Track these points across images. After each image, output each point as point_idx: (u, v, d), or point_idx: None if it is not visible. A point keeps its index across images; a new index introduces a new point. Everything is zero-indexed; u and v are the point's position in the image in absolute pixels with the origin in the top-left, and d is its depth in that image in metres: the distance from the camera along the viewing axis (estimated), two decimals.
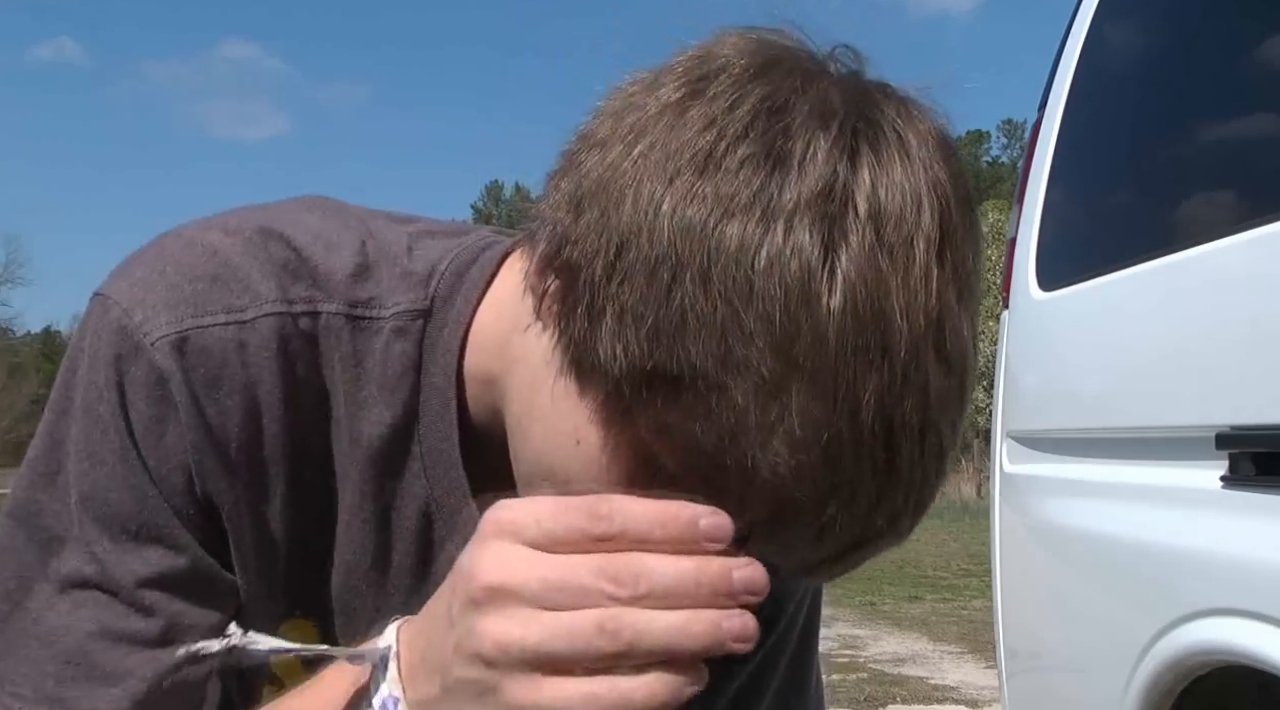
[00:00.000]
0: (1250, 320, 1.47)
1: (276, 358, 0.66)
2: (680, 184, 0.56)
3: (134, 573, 0.66)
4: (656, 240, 0.56)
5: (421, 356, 0.70)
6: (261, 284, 0.67)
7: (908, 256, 0.55)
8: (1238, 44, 1.78)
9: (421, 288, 0.71)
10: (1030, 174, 2.24)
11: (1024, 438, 2.16)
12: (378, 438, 0.69)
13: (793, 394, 0.53)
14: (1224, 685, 1.49)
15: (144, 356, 0.65)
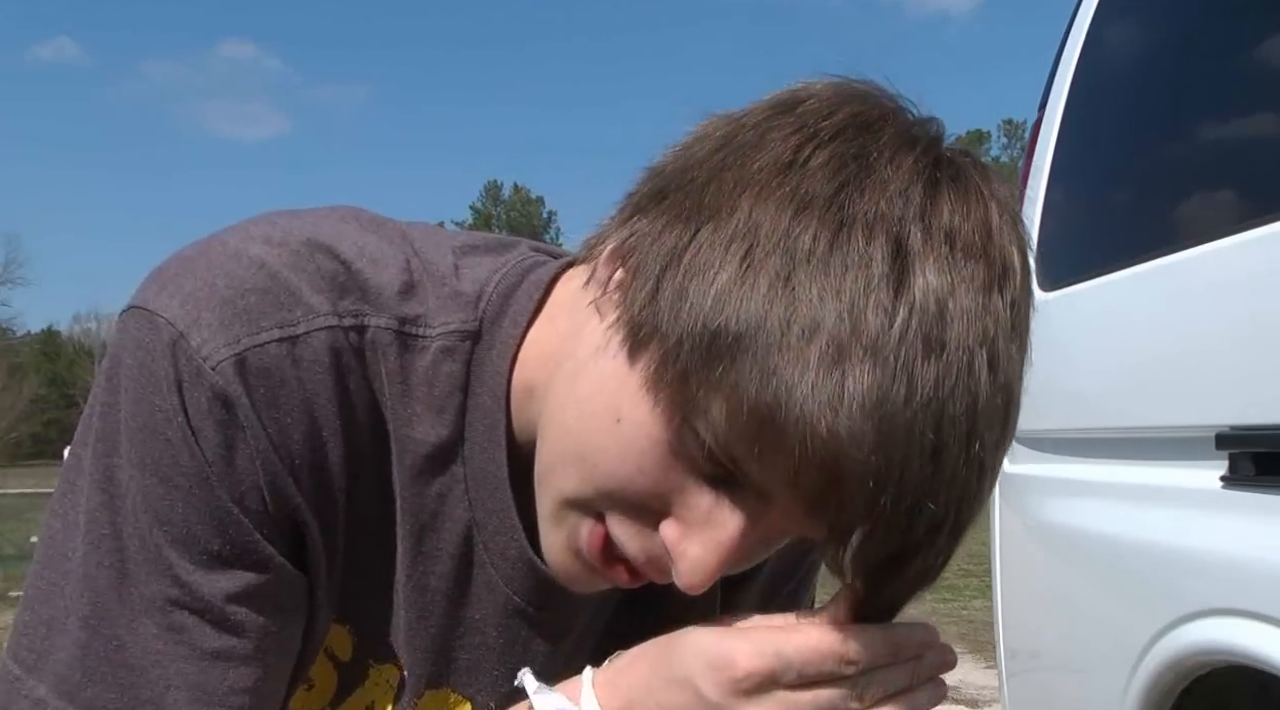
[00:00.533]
0: (1250, 320, 1.47)
1: (330, 372, 0.66)
2: (763, 175, 0.60)
3: (222, 591, 0.65)
4: (733, 217, 0.60)
5: (469, 378, 0.70)
6: (312, 297, 0.66)
7: (973, 275, 0.58)
8: (1237, 44, 1.78)
9: (471, 309, 0.70)
10: (1030, 174, 2.23)
11: (1024, 438, 2.16)
12: (422, 457, 0.69)
13: (856, 361, 0.56)
14: (1224, 685, 1.49)
15: (206, 381, 0.63)
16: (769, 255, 0.58)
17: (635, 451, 0.62)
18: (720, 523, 0.62)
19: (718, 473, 0.61)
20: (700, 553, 0.62)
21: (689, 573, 0.63)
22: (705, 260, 0.59)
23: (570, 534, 0.66)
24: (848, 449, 0.56)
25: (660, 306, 0.60)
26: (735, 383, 0.57)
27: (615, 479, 0.63)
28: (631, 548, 0.65)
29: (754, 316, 0.57)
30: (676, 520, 0.63)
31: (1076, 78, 2.17)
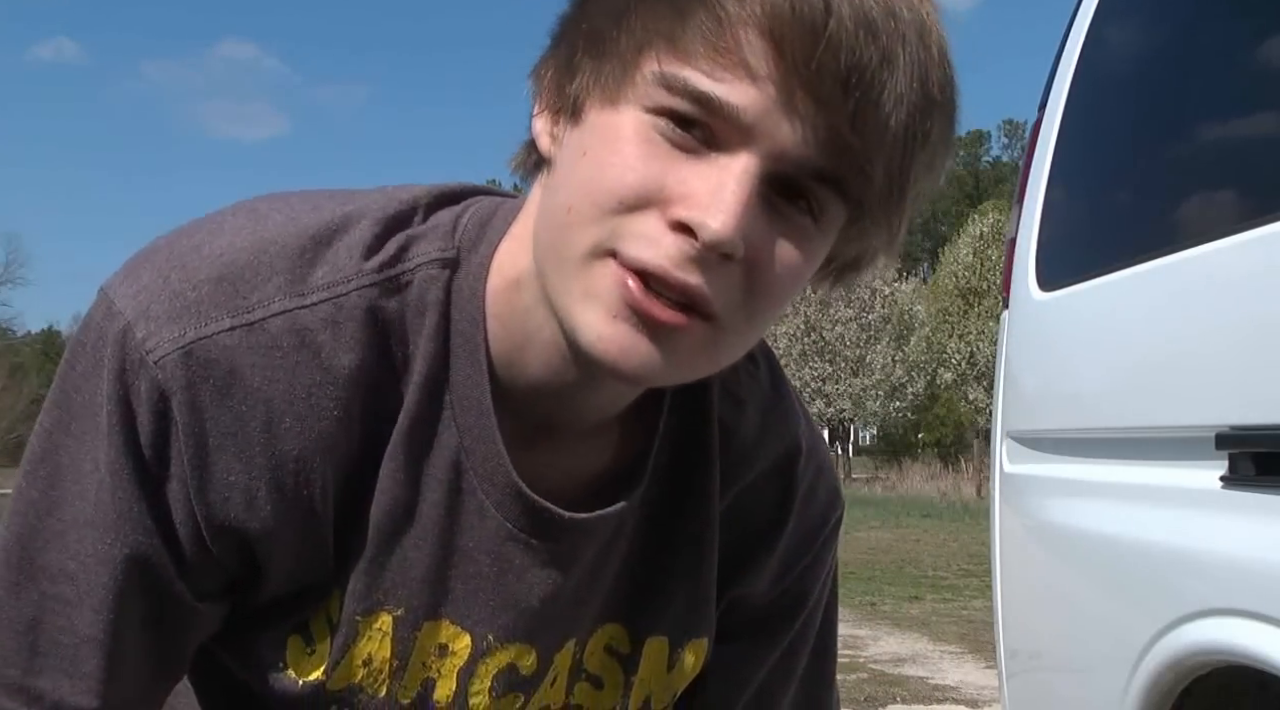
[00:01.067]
0: (1250, 320, 1.47)
1: (291, 354, 0.66)
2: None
3: (104, 583, 0.67)
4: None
5: (449, 304, 0.70)
6: (270, 282, 0.67)
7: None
8: (1237, 44, 1.78)
9: (448, 237, 0.71)
10: (1030, 174, 2.23)
11: (1024, 438, 2.16)
12: (417, 390, 0.70)
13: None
14: (1224, 685, 1.49)
15: (147, 373, 0.65)
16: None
17: (610, 154, 0.63)
18: (721, 170, 0.62)
19: (691, 141, 0.62)
20: (716, 196, 0.61)
21: (714, 212, 0.61)
22: (598, 8, 0.65)
23: (603, 294, 0.63)
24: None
25: (578, 59, 0.65)
26: (668, 28, 0.61)
27: (603, 188, 0.62)
28: (654, 256, 0.62)
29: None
30: (679, 199, 0.62)
31: (1076, 78, 2.17)
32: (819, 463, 0.87)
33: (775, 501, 0.84)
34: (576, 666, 0.81)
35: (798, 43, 0.59)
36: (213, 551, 0.69)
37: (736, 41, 0.59)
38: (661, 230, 0.62)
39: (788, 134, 0.61)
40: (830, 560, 0.90)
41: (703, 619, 0.82)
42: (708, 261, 0.62)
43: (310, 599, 0.73)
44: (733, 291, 0.63)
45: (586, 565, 0.77)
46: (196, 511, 0.67)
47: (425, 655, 0.75)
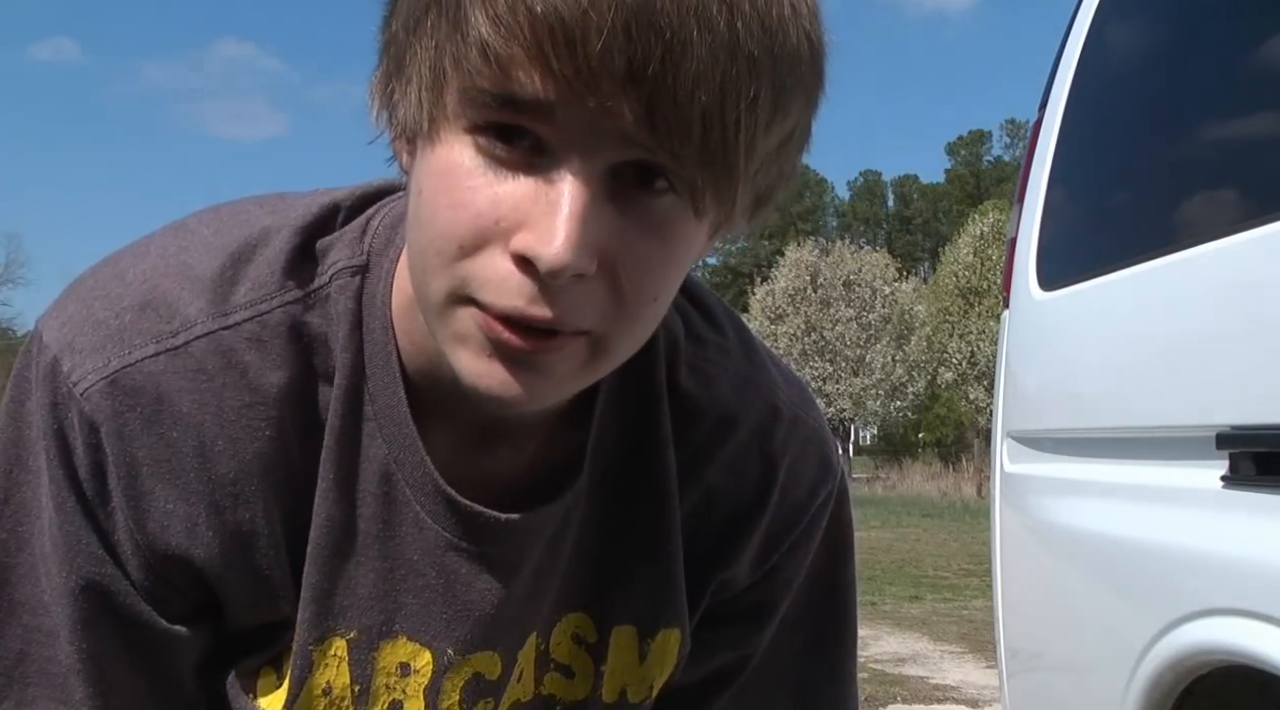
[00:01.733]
0: (1250, 320, 1.47)
1: (218, 376, 0.66)
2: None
3: (72, 616, 0.67)
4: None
5: (362, 313, 0.69)
6: (191, 305, 0.66)
7: None
8: (1238, 44, 1.78)
9: (356, 244, 0.70)
10: (1030, 174, 2.23)
11: (1024, 438, 2.16)
12: (340, 404, 0.69)
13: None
14: (1225, 685, 1.49)
15: (75, 405, 0.65)
16: None
17: (440, 194, 0.59)
18: (551, 186, 0.57)
19: (519, 156, 0.58)
20: (550, 219, 0.57)
21: (546, 244, 0.56)
22: (399, 18, 0.60)
23: (470, 336, 0.60)
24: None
25: (393, 81, 0.61)
26: (453, 45, 0.57)
27: (442, 234, 0.59)
28: (504, 299, 0.58)
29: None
30: (516, 228, 0.58)
31: (1077, 78, 2.17)
32: (807, 433, 0.83)
33: (758, 476, 0.81)
34: (543, 657, 0.79)
35: (563, 53, 0.54)
36: (166, 579, 0.68)
37: (522, 41, 0.55)
38: (507, 269, 0.58)
39: (611, 124, 0.56)
40: (820, 535, 0.85)
41: (671, 606, 0.79)
42: (560, 287, 0.58)
43: (279, 631, 0.72)
44: (599, 303, 0.60)
45: (536, 560, 0.75)
46: (139, 541, 0.67)
47: (387, 677, 0.73)
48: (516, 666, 0.78)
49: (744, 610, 0.85)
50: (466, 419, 0.71)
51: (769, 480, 0.81)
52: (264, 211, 0.71)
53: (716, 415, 0.80)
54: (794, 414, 0.83)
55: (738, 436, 0.80)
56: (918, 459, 31.67)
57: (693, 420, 0.79)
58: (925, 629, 6.76)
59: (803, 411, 0.84)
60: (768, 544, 0.83)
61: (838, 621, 0.89)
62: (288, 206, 0.71)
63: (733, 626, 0.85)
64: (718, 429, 0.80)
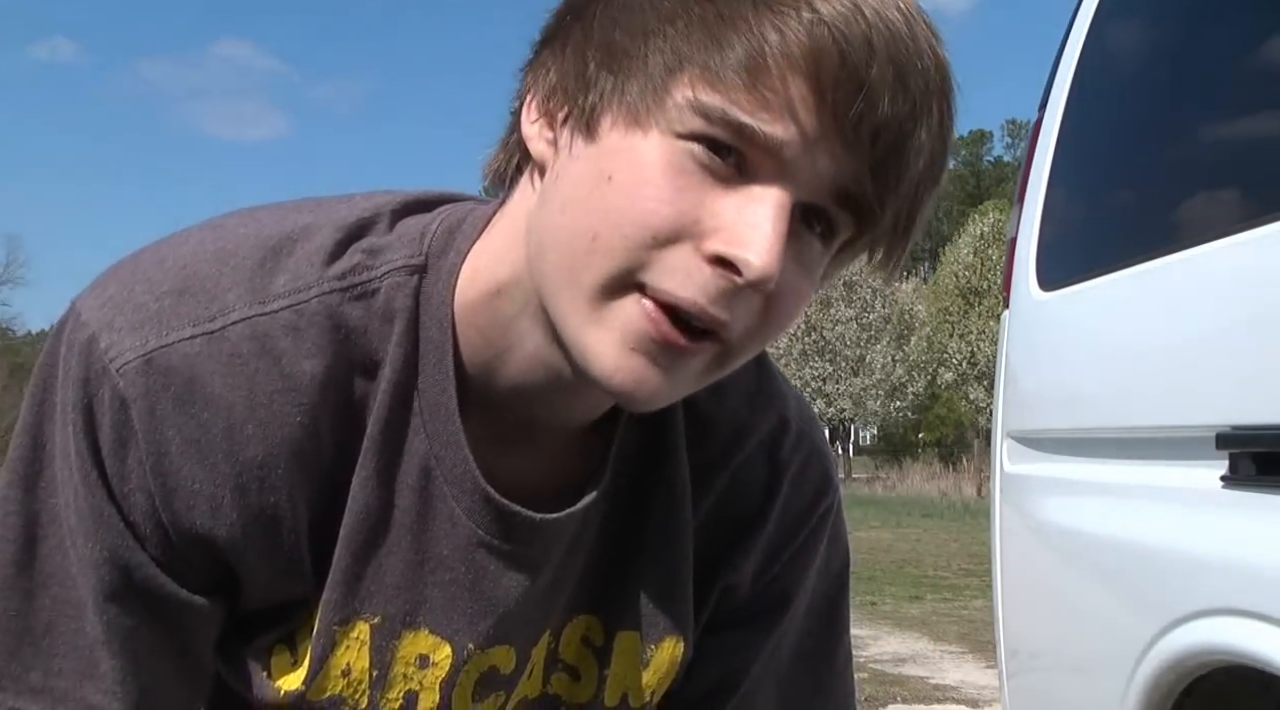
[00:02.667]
0: (1250, 320, 1.47)
1: (252, 361, 0.67)
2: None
3: (92, 586, 0.68)
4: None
5: (418, 311, 0.70)
6: (231, 291, 0.67)
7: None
8: (1238, 44, 1.78)
9: (415, 245, 0.71)
10: (1030, 174, 2.23)
11: (1024, 438, 2.16)
12: (386, 397, 0.70)
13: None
14: (1225, 685, 1.49)
15: (109, 382, 0.66)
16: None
17: (643, 185, 0.61)
18: (759, 204, 0.62)
19: (726, 168, 0.62)
20: (757, 232, 0.61)
21: (756, 250, 0.61)
22: (614, 20, 0.64)
23: (621, 327, 0.63)
24: (819, 37, 0.59)
25: (593, 71, 0.64)
26: (705, 56, 0.61)
27: (636, 221, 0.61)
28: (688, 290, 0.62)
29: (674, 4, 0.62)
30: (715, 232, 0.62)
31: (1077, 78, 2.17)
32: (810, 446, 0.86)
33: (763, 484, 0.83)
34: (552, 657, 0.81)
35: (840, 90, 0.60)
36: (186, 556, 0.69)
37: (779, 80, 0.60)
38: (697, 263, 0.62)
39: (818, 172, 0.62)
40: (821, 548, 0.88)
41: (677, 616, 0.81)
42: (740, 295, 0.62)
43: (294, 610, 0.73)
44: (752, 320, 0.64)
45: (557, 560, 0.77)
46: (163, 518, 0.68)
47: (405, 666, 0.75)
48: (529, 662, 0.79)
49: (744, 619, 0.87)
50: (505, 420, 0.73)
51: (773, 488, 0.84)
52: (302, 212, 0.72)
53: (729, 428, 0.82)
54: (800, 427, 0.85)
55: (748, 447, 0.83)
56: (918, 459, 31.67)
57: (706, 433, 0.81)
58: (925, 629, 6.76)
59: (808, 425, 0.87)
60: (769, 552, 0.85)
61: (833, 648, 0.91)
62: (327, 207, 0.73)
63: (732, 634, 0.86)
64: (730, 442, 0.82)
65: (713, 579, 0.83)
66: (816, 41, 0.59)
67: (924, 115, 0.61)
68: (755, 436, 0.83)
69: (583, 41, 0.65)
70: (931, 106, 0.62)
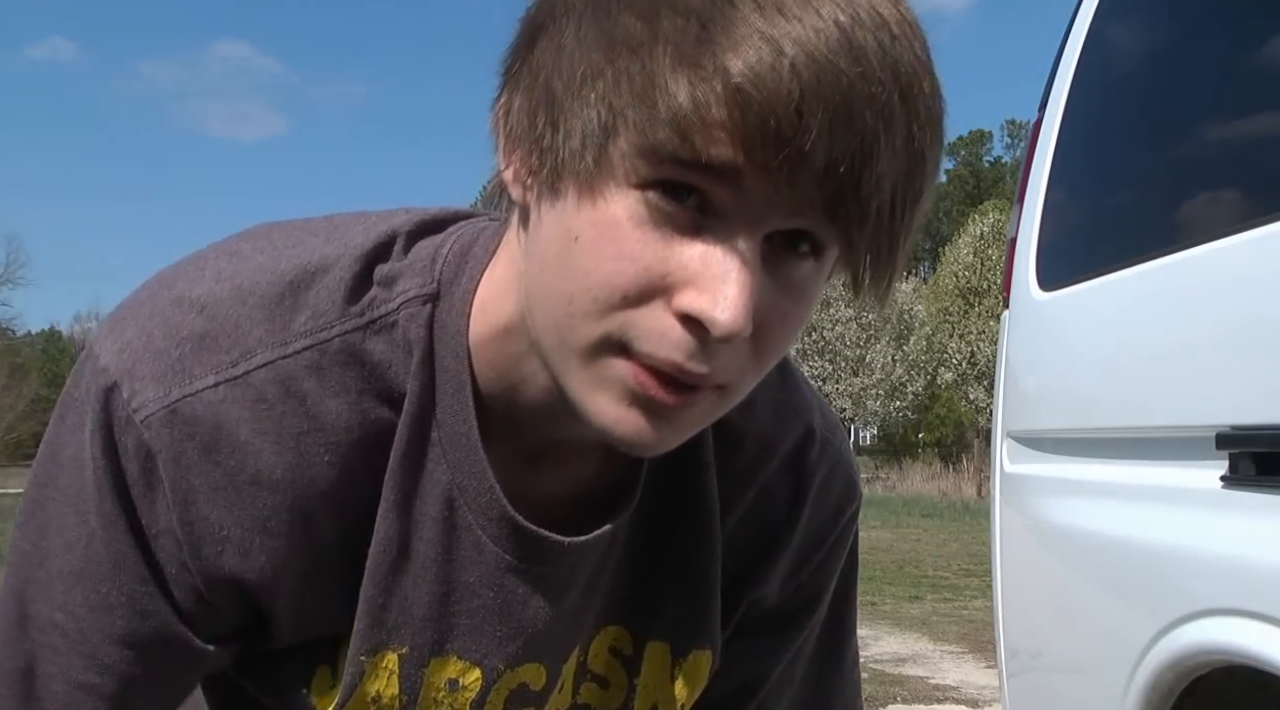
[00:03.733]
0: (1250, 320, 1.47)
1: (278, 404, 0.66)
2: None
3: (101, 630, 0.68)
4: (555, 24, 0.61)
5: (433, 341, 0.69)
6: (251, 334, 0.67)
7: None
8: (1239, 44, 1.78)
9: (427, 272, 0.70)
10: (1030, 174, 2.23)
11: (1024, 438, 2.16)
12: (402, 426, 0.69)
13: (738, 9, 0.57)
14: (1225, 685, 1.49)
15: (134, 431, 0.65)
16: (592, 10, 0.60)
17: (606, 245, 0.59)
18: (723, 252, 0.59)
19: (687, 214, 0.59)
20: (722, 286, 0.59)
21: (723, 305, 0.59)
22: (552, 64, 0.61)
23: (615, 386, 0.62)
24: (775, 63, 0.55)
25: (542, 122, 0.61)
26: (635, 113, 0.57)
27: (604, 284, 0.60)
28: (664, 351, 0.60)
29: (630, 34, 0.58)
30: (683, 287, 0.60)
31: (1077, 78, 2.17)
32: (835, 454, 0.85)
33: (789, 495, 0.83)
34: (581, 669, 0.81)
35: (766, 145, 0.56)
36: (212, 603, 0.69)
37: (709, 136, 0.56)
38: (669, 323, 0.60)
39: (777, 205, 0.59)
40: (845, 554, 0.88)
41: (706, 629, 0.81)
42: (718, 348, 0.61)
43: (330, 641, 0.73)
44: (742, 360, 0.63)
45: (584, 580, 0.77)
46: (190, 565, 0.67)
47: (435, 691, 0.75)
48: (559, 678, 0.79)
49: (768, 626, 0.87)
50: (525, 442, 0.72)
51: (800, 499, 0.84)
52: (318, 238, 0.71)
53: (756, 441, 0.82)
54: (824, 436, 0.85)
55: (775, 460, 0.82)
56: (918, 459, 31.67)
57: (735, 446, 0.81)
58: (925, 629, 6.76)
59: (831, 433, 0.86)
60: (797, 562, 0.85)
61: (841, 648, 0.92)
62: (343, 232, 0.72)
63: (754, 641, 0.86)
64: (757, 454, 0.82)
65: (741, 590, 0.84)
66: (735, 108, 0.56)
67: (880, 142, 0.57)
68: (782, 449, 0.82)
69: (530, 86, 0.63)
70: (894, 127, 0.57)
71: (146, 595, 0.67)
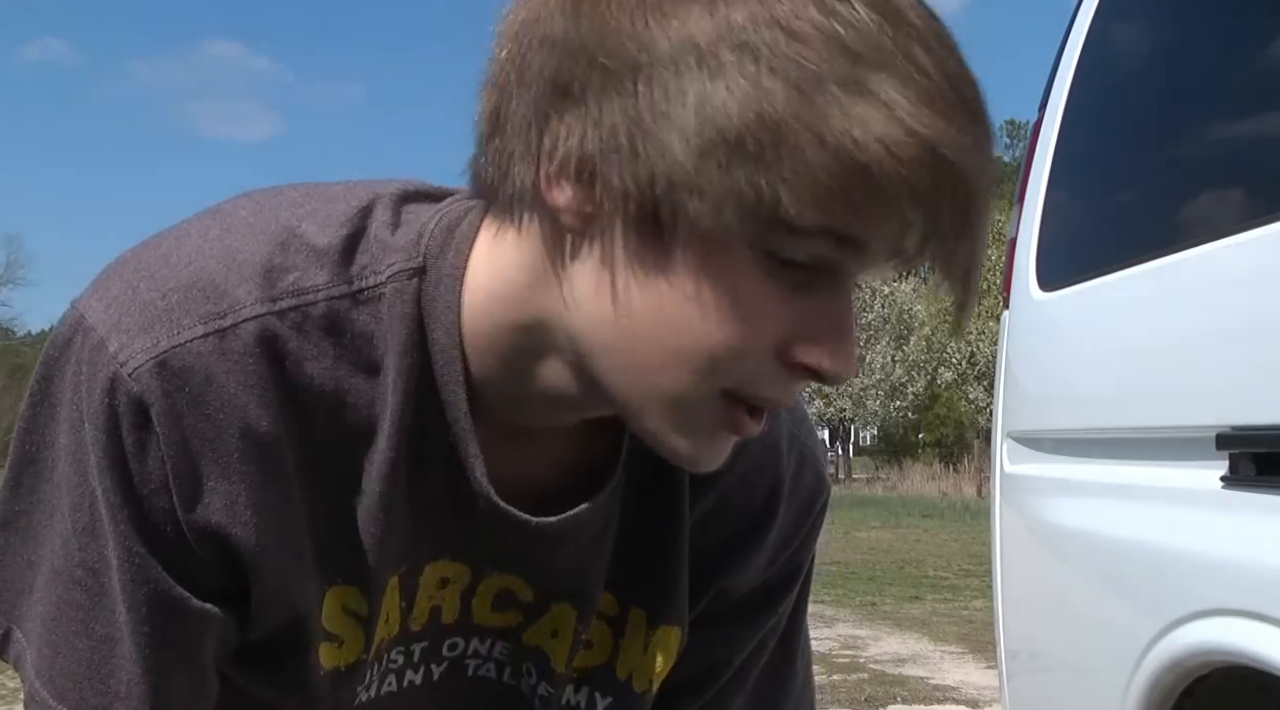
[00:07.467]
0: (1250, 320, 1.47)
1: (264, 360, 0.66)
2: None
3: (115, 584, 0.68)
4: (656, 45, 0.59)
5: (423, 316, 0.70)
6: (240, 287, 0.66)
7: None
8: (1239, 44, 1.78)
9: (413, 246, 0.70)
10: (1030, 174, 2.23)
11: (1024, 438, 2.16)
12: (398, 404, 0.69)
13: (871, 75, 0.57)
14: (1225, 686, 1.49)
15: (123, 386, 0.65)
16: (718, 44, 0.57)
17: (730, 308, 0.60)
18: (842, 309, 0.62)
19: (807, 274, 0.61)
20: (843, 344, 0.63)
21: (844, 367, 0.63)
22: (665, 93, 0.58)
23: (708, 427, 0.65)
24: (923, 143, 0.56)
25: (652, 165, 0.58)
26: (794, 159, 0.56)
27: (726, 345, 0.61)
28: (772, 393, 0.64)
29: (769, 98, 0.56)
30: (803, 343, 0.62)
31: (1077, 78, 2.17)
32: (802, 450, 0.86)
33: (763, 494, 0.84)
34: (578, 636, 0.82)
35: (945, 207, 0.58)
36: (201, 560, 0.69)
37: (882, 204, 0.57)
38: (784, 370, 0.63)
39: (891, 261, 0.62)
40: (813, 546, 0.90)
41: (674, 605, 0.82)
42: None
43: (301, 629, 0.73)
44: None
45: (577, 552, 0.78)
46: (181, 519, 0.67)
47: (429, 590, 0.77)
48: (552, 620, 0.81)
49: (736, 614, 0.88)
50: (507, 424, 0.73)
51: (775, 495, 0.85)
52: (308, 202, 0.71)
53: None
54: (794, 431, 0.86)
55: (749, 450, 0.83)
56: (918, 459, 31.67)
57: None
58: (925, 629, 6.76)
59: (801, 428, 0.87)
60: (770, 555, 0.86)
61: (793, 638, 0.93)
62: (328, 196, 0.72)
63: (720, 628, 0.87)
64: None
65: (709, 578, 0.84)
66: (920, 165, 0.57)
67: (987, 181, 0.60)
68: (753, 445, 0.82)
69: (635, 117, 0.59)
70: (984, 183, 0.60)
71: (140, 554, 0.67)
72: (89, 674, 0.69)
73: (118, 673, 0.68)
